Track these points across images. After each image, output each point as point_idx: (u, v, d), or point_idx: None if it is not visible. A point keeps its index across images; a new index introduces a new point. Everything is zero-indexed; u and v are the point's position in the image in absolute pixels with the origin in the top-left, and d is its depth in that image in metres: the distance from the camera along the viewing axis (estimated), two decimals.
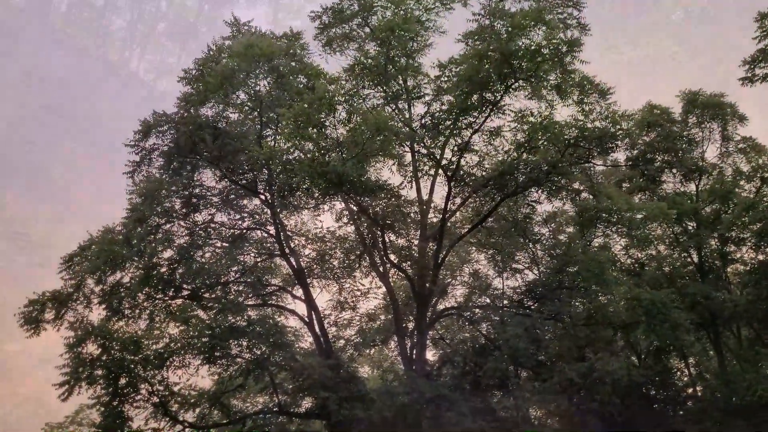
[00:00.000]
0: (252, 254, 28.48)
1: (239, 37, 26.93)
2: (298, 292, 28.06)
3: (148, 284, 25.19)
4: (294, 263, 27.34)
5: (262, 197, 27.15)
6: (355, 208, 25.93)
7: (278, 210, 26.86)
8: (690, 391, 32.30)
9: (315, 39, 27.56)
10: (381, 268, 27.46)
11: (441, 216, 25.56)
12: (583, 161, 24.78)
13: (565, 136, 23.50)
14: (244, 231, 27.86)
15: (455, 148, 25.23)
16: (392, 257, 26.25)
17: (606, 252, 26.48)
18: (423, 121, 25.42)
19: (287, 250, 27.32)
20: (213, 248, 27.39)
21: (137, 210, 24.89)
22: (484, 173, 25.77)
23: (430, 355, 29.93)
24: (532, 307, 26.27)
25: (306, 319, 27.06)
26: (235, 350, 25.10)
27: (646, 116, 30.50)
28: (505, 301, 28.66)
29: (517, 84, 23.38)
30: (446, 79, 24.41)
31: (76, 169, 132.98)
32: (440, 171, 25.98)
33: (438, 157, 25.47)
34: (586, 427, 29.36)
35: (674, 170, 31.37)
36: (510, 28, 22.06)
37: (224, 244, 27.32)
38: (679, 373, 33.72)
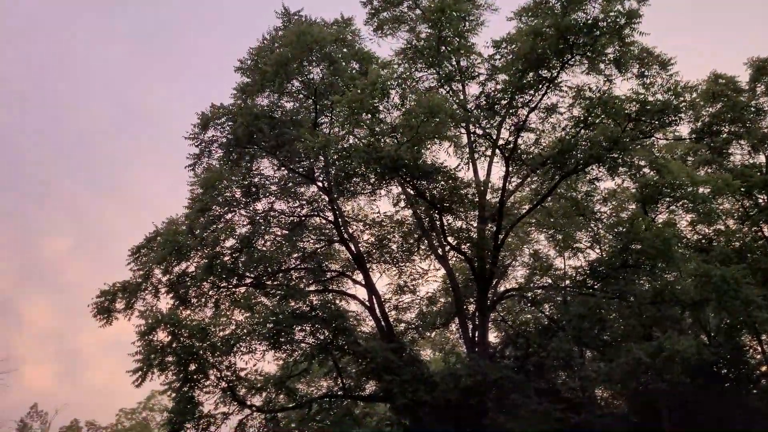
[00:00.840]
0: (311, 241, 28.80)
1: (290, 26, 27.08)
2: (358, 276, 28.29)
3: (212, 273, 25.71)
4: (353, 248, 27.54)
5: (320, 184, 27.38)
6: (411, 191, 25.89)
7: (336, 196, 27.04)
8: (764, 369, 31.36)
9: (366, 24, 27.54)
10: (440, 251, 27.40)
11: (499, 197, 25.28)
12: (644, 136, 24.07)
13: (626, 111, 22.87)
14: (303, 218, 28.15)
15: (511, 128, 24.85)
16: (451, 240, 26.11)
17: (671, 228, 25.72)
18: (478, 101, 25.11)
19: (346, 236, 27.54)
20: (273, 236, 27.79)
21: (199, 201, 25.46)
22: (541, 152, 25.32)
23: (492, 337, 29.83)
24: (596, 286, 25.76)
25: (367, 303, 27.28)
26: (299, 335, 25.44)
27: (711, 86, 29.45)
28: (567, 282, 28.22)
29: (573, 59, 22.83)
30: (500, 57, 24.04)
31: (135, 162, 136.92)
32: (497, 151, 25.66)
33: (494, 138, 25.14)
34: (655, 408, 28.86)
35: (742, 141, 30.26)
36: (565, 3, 21.52)
37: (284, 231, 27.69)
38: (751, 350, 32.74)
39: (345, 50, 26.64)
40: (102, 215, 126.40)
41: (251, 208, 27.24)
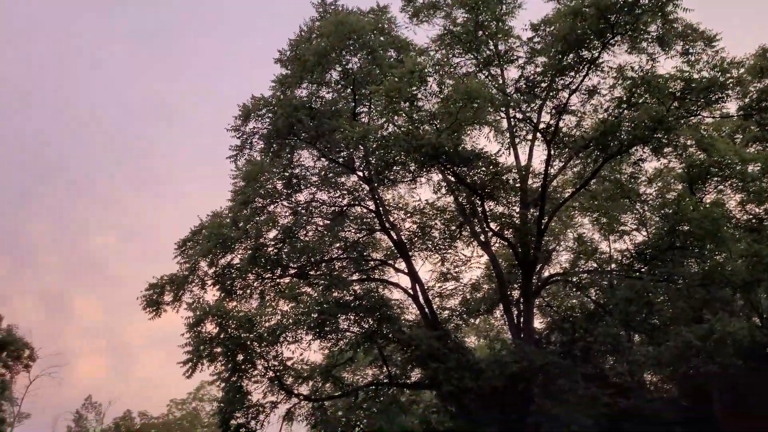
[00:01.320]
0: (353, 230, 28.89)
1: (327, 17, 27.10)
2: (401, 265, 28.28)
3: (256, 264, 26.05)
4: (395, 237, 27.55)
5: (360, 174, 27.43)
6: (452, 178, 25.76)
7: (376, 185, 27.06)
8: None
9: (401, 11, 27.37)
10: (482, 237, 27.26)
11: (541, 181, 25.00)
12: (690, 114, 23.50)
13: (670, 89, 22.34)
14: (344, 208, 28.24)
15: (552, 111, 24.53)
16: (493, 226, 25.93)
17: (720, 208, 25.16)
18: (517, 85, 24.84)
19: (387, 225, 27.56)
20: (315, 226, 27.97)
21: (242, 193, 25.75)
22: (584, 134, 24.93)
23: (538, 323, 29.57)
24: (643, 269, 25.32)
25: (410, 291, 27.29)
26: (344, 324, 25.58)
27: (759, 61, 28.57)
28: (613, 265, 27.81)
29: (615, 39, 22.41)
30: (539, 40, 23.73)
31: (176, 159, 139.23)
32: (538, 135, 25.36)
33: (535, 121, 24.86)
34: (706, 391, 28.34)
35: None
36: None
37: (326, 221, 27.84)
38: None
39: (382, 39, 26.57)
40: (140, 212, 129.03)
41: (293, 199, 27.48)
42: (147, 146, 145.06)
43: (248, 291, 27.24)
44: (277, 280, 27.61)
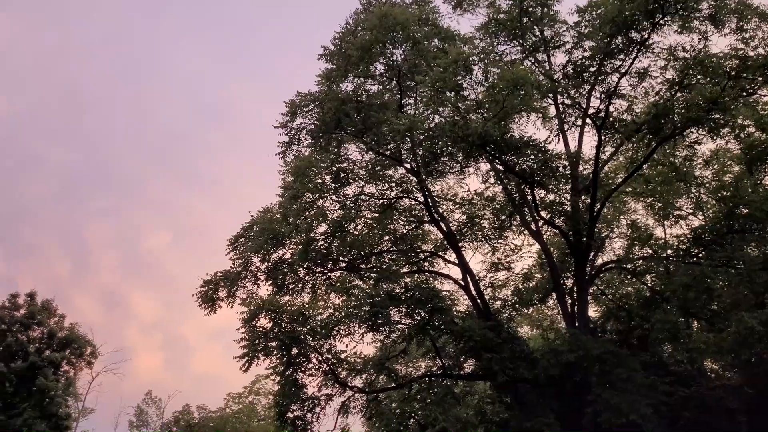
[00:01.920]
0: (402, 222, 28.87)
1: (371, 9, 27.07)
2: (451, 256, 28.17)
3: (307, 258, 26.27)
4: (444, 228, 27.44)
5: (407, 166, 27.32)
6: (501, 167, 25.49)
7: (424, 177, 26.95)
8: None
9: (444, 2, 27.20)
10: (533, 226, 26.92)
11: (592, 167, 24.55)
12: (747, 93, 22.74)
13: (725, 69, 21.66)
14: (393, 200, 28.22)
15: (602, 95, 24.05)
16: (544, 214, 25.59)
17: None
18: (565, 70, 24.43)
19: (436, 216, 27.45)
20: (364, 219, 28.04)
21: (291, 188, 25.98)
22: (635, 118, 24.37)
23: (592, 311, 29.09)
24: (701, 254, 24.65)
25: (461, 282, 27.15)
26: (396, 317, 25.60)
27: None
28: (670, 251, 27.15)
29: (665, 19, 21.83)
30: (586, 23, 23.27)
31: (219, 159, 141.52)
32: (588, 120, 24.91)
33: (584, 106, 24.41)
34: None
35: None
36: None
37: (375, 214, 27.88)
38: None
39: (426, 29, 26.43)
40: (192, 211, 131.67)
41: (341, 193, 27.55)
42: (195, 147, 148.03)
43: (300, 285, 27.58)
44: (328, 274, 27.86)
